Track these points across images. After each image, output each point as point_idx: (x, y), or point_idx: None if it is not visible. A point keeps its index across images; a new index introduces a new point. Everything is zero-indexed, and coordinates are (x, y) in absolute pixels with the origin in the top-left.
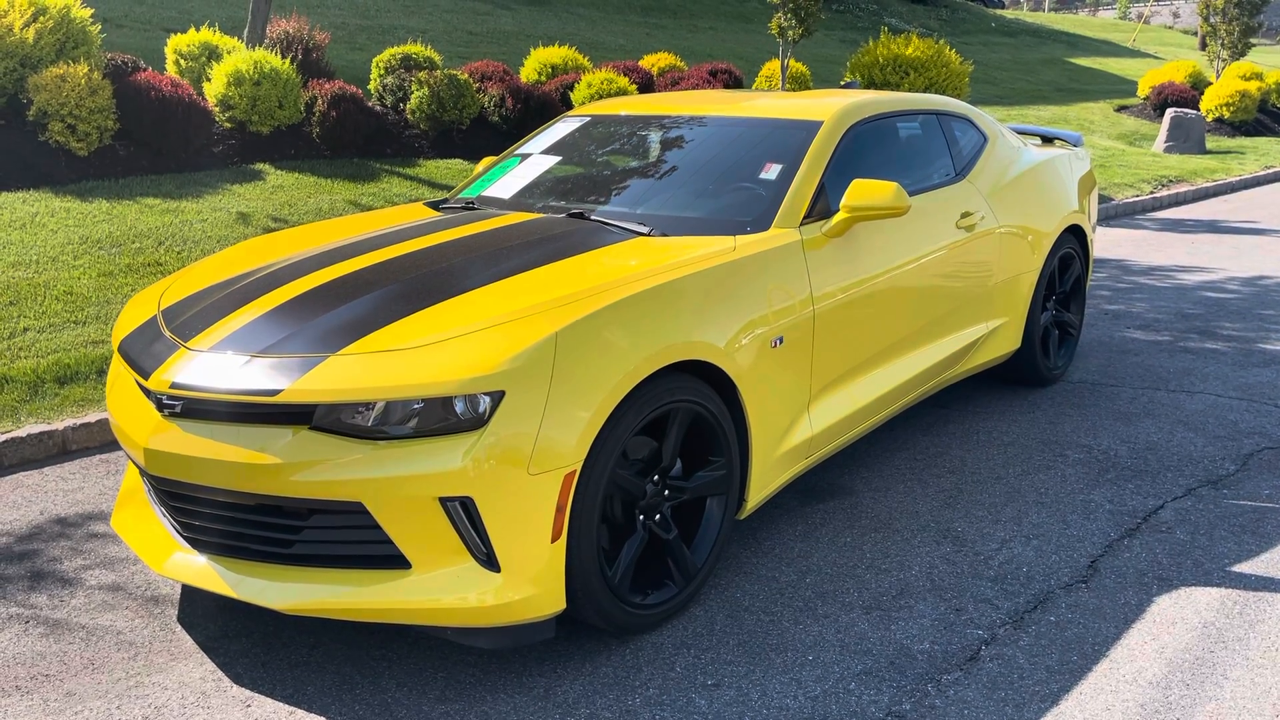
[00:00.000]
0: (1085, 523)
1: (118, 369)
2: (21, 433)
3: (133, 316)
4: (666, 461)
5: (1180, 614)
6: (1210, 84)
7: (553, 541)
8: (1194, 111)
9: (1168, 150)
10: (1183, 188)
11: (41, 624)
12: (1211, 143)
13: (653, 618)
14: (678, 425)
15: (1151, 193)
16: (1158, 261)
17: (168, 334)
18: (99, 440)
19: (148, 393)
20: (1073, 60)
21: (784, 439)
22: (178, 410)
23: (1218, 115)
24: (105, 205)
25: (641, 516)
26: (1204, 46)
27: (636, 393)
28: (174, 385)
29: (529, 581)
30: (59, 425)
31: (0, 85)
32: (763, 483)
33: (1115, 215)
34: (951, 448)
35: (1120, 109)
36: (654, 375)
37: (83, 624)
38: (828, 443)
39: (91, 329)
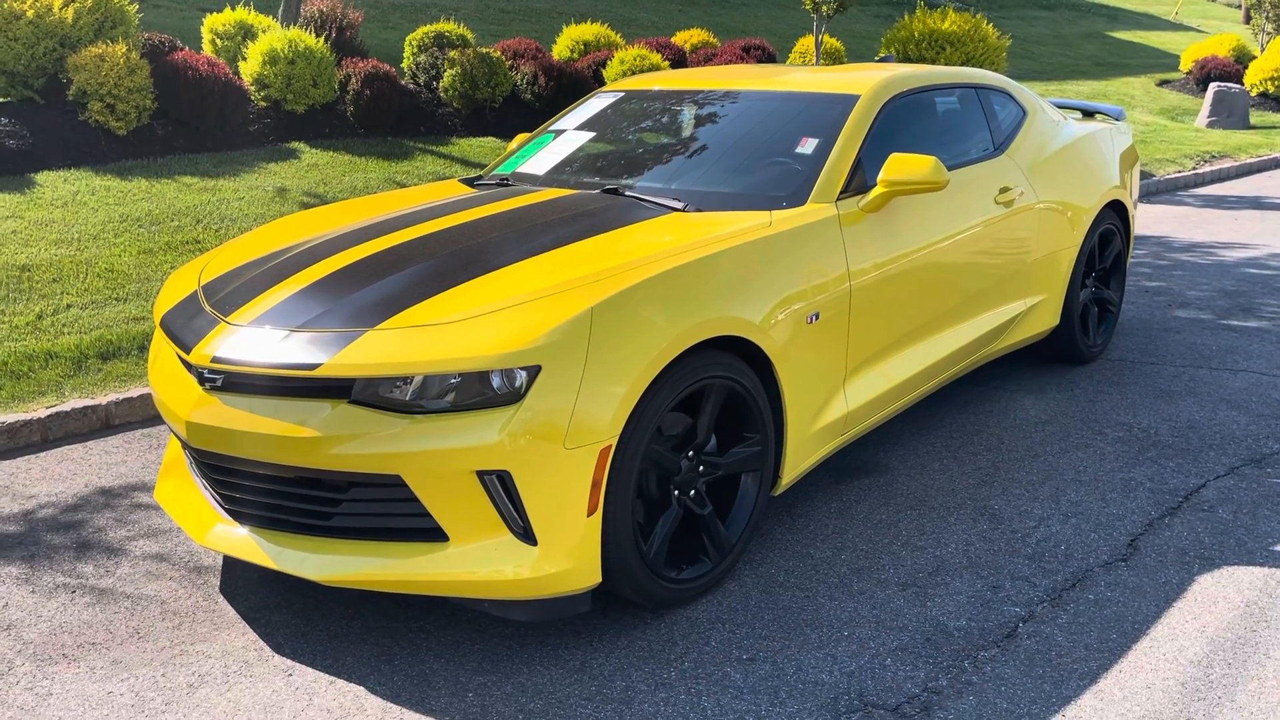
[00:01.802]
0: (1125, 501)
1: (159, 344)
2: (66, 407)
3: (174, 292)
4: (701, 437)
5: (1222, 592)
6: (1254, 58)
7: (588, 516)
8: (1238, 86)
9: (1210, 125)
10: (1226, 163)
11: (88, 593)
12: (1255, 118)
13: (687, 592)
14: (713, 401)
15: (1194, 169)
16: (1200, 238)
17: (208, 309)
18: (141, 415)
19: (189, 367)
20: (1113, 34)
21: (819, 415)
22: (219, 384)
23: (1262, 90)
24: (144, 184)
25: (676, 492)
26: (1248, 20)
27: (672, 368)
28: (215, 359)
29: (565, 555)
30: (102, 400)
31: (40, 65)
32: (798, 459)
33: (1157, 191)
34: (988, 425)
35: (1162, 83)
36: (689, 351)
37: (128, 593)
38: (863, 420)
39: (132, 306)
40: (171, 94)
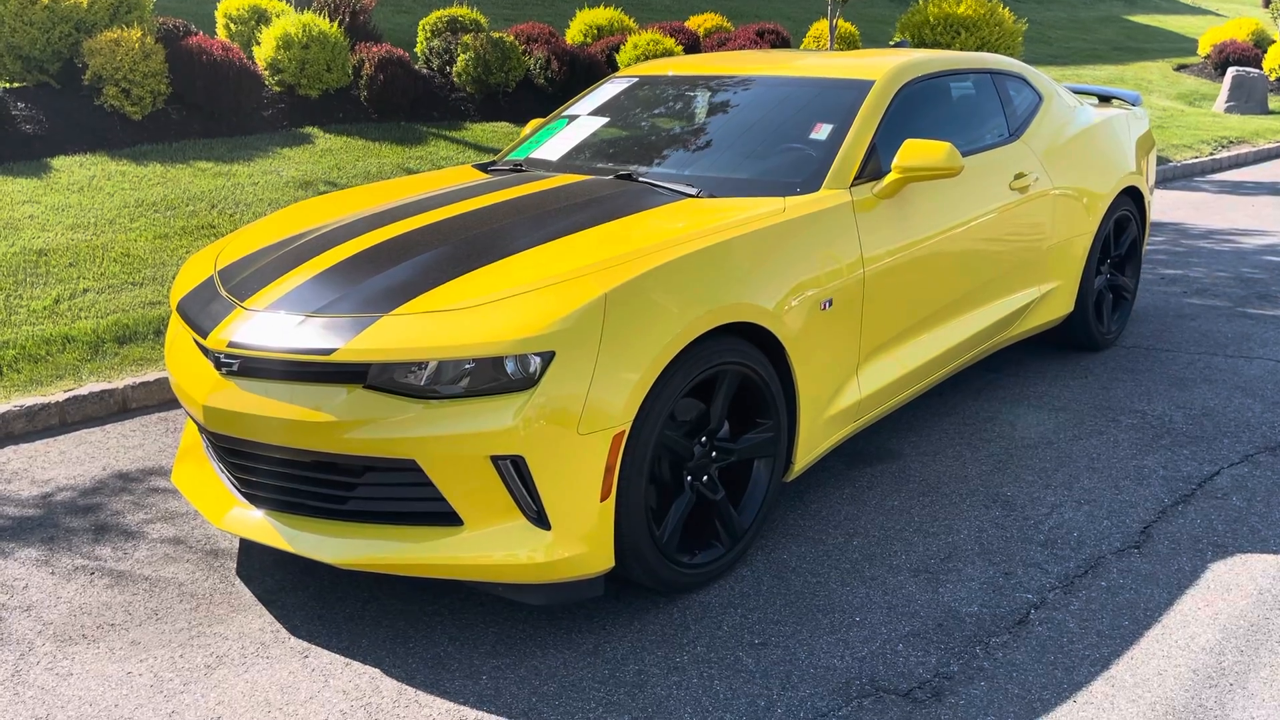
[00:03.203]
0: (1138, 488)
1: (176, 328)
2: (83, 391)
3: (190, 277)
4: (714, 423)
5: (1235, 580)
6: (1274, 42)
7: (602, 501)
8: (1256, 70)
9: (1228, 110)
10: (1244, 149)
11: (107, 575)
12: (1274, 103)
13: (700, 577)
14: (726, 387)
15: (1211, 154)
16: (1217, 225)
17: (224, 294)
18: (158, 399)
19: (206, 351)
20: (1130, 18)
21: (832, 402)
22: (235, 369)
23: None
24: (159, 168)
25: (689, 477)
26: (1267, 4)
27: (685, 354)
28: (231, 344)
29: (578, 540)
30: (119, 384)
31: (56, 49)
32: (810, 445)
33: (1173, 177)
34: (1001, 412)
35: (1179, 68)
36: (703, 337)
37: (146, 575)
38: (876, 406)
39: (149, 290)
40: (186, 79)
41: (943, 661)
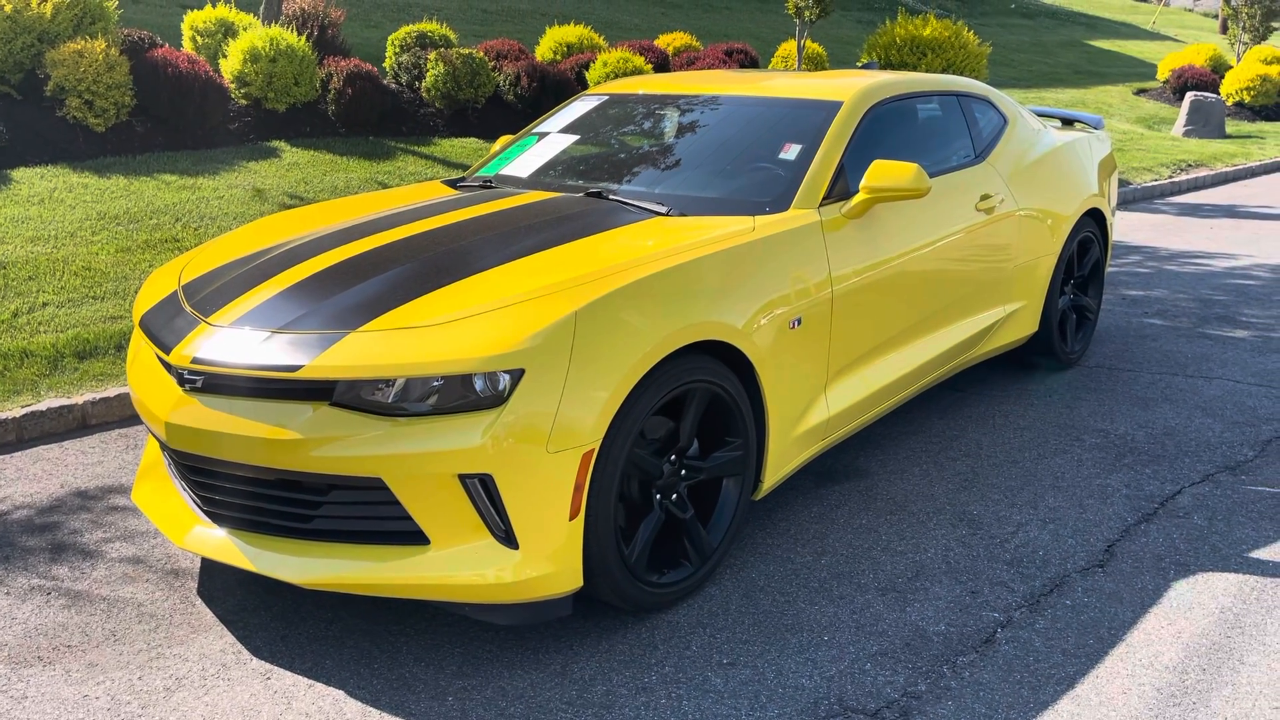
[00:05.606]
0: (1102, 507)
1: (139, 344)
2: (41, 406)
3: (153, 291)
4: (684, 441)
5: (1198, 599)
6: (1231, 68)
7: (570, 520)
8: (1214, 95)
9: (1187, 134)
10: (1202, 172)
11: (63, 595)
12: (1231, 127)
13: (668, 596)
14: (695, 405)
15: (1170, 177)
16: (1177, 247)
17: (189, 309)
18: (118, 415)
19: (169, 367)
20: (1091, 43)
21: (801, 420)
22: (199, 385)
23: (1238, 99)
24: (123, 181)
25: (658, 496)
26: (1225, 30)
27: (655, 372)
28: (195, 360)
29: (547, 559)
30: (78, 399)
31: (18, 60)
32: (779, 464)
33: (1133, 199)
34: (968, 431)
35: (1139, 92)
36: (672, 355)
37: (104, 596)
38: (844, 425)
39: (110, 304)
40: (151, 91)
41: (910, 681)
